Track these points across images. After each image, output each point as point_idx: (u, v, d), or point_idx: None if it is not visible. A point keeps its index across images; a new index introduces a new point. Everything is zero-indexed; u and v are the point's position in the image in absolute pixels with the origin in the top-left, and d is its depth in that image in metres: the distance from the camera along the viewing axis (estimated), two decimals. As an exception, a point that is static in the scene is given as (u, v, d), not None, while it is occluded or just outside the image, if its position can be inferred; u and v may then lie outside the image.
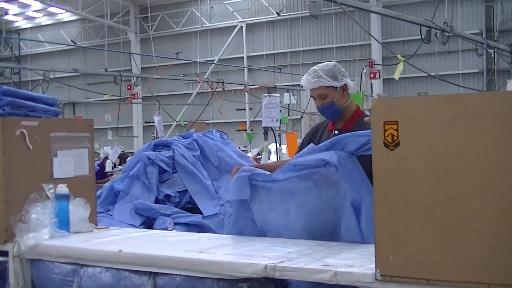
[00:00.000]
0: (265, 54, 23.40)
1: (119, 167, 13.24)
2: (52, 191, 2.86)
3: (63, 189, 2.89)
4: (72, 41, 25.11)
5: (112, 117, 17.39)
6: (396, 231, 1.88)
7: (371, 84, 15.83)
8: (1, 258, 2.88)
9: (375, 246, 1.93)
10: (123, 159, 14.88)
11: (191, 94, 24.35)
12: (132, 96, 18.10)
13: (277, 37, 23.67)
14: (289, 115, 12.68)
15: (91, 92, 21.69)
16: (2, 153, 2.84)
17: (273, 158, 10.06)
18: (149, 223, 4.80)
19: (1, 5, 24.24)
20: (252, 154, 12.76)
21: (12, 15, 26.78)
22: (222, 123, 18.89)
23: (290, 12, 23.04)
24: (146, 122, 25.40)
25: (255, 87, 17.46)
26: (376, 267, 1.92)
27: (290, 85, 18.99)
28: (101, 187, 5.55)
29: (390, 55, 18.58)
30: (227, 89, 15.02)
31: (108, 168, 13.51)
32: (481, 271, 1.77)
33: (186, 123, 12.74)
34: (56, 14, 26.85)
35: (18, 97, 3.08)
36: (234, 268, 2.18)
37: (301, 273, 2.08)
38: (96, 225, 3.21)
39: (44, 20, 28.03)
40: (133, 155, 6.06)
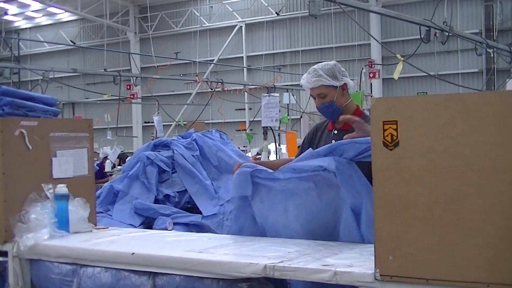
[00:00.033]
0: (265, 54, 23.41)
1: (119, 167, 13.27)
2: (51, 191, 2.86)
3: (62, 189, 2.89)
4: (71, 41, 25.12)
5: (112, 117, 17.39)
6: (395, 231, 1.88)
7: (371, 84, 15.83)
8: (0, 258, 2.88)
9: (374, 246, 1.93)
10: (122, 159, 14.92)
11: (190, 94, 24.35)
12: (132, 96, 18.09)
13: (276, 37, 23.67)
14: (288, 115, 12.69)
15: (90, 92, 21.68)
16: (2, 153, 2.84)
17: (272, 158, 10.05)
18: (148, 223, 4.79)
19: (0, 5, 24.23)
20: (251, 154, 12.76)
21: (12, 15, 26.77)
22: (221, 123, 18.88)
23: (289, 12, 23.04)
24: (145, 122, 25.41)
25: (255, 87, 17.44)
26: (375, 267, 1.92)
27: (290, 85, 18.98)
28: (100, 187, 5.54)
29: (389, 54, 18.59)
30: (226, 89, 15.01)
31: (107, 168, 13.54)
32: (480, 271, 1.76)
33: (185, 123, 12.73)
34: (55, 14, 26.85)
35: (18, 97, 3.08)
36: (233, 268, 2.18)
37: (300, 273, 2.08)
38: (96, 225, 3.21)
39: (44, 20, 28.03)
40: (132, 155, 6.05)
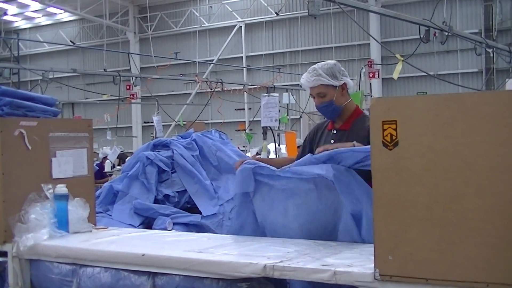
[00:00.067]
0: (264, 54, 23.40)
1: (118, 167, 13.26)
2: (51, 191, 2.86)
3: (62, 189, 2.88)
4: (71, 41, 25.10)
5: (111, 117, 17.38)
6: (395, 231, 1.88)
7: (370, 83, 15.84)
8: (0, 259, 2.88)
9: (374, 245, 1.93)
10: (122, 159, 14.92)
11: (190, 94, 24.35)
12: (131, 96, 18.10)
13: (276, 37, 23.67)
14: (288, 115, 12.69)
15: (90, 92, 21.66)
16: (1, 153, 2.83)
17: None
18: (148, 223, 4.79)
19: (0, 5, 24.22)
20: (251, 154, 12.78)
21: (11, 15, 26.75)
22: (221, 123, 18.86)
23: (289, 12, 23.03)
24: (145, 122, 25.40)
25: (254, 87, 17.45)
26: (375, 267, 1.92)
27: (289, 85, 18.97)
28: (100, 187, 5.54)
29: (389, 54, 18.59)
30: (226, 89, 15.02)
31: (107, 168, 13.53)
32: (480, 271, 1.76)
33: (185, 123, 12.71)
34: (55, 14, 26.84)
35: (17, 97, 3.08)
36: (233, 268, 2.18)
37: (300, 272, 2.08)
38: (95, 225, 3.21)
39: (43, 20, 28.02)
40: (132, 155, 6.04)
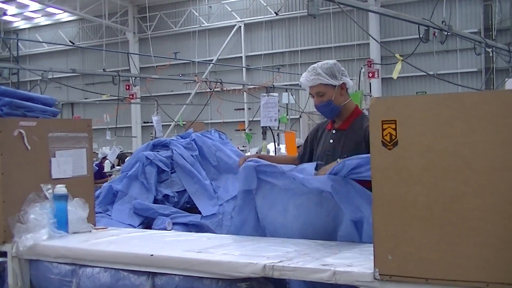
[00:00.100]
0: (264, 54, 23.38)
1: (118, 167, 13.26)
2: (50, 191, 2.85)
3: (61, 189, 2.88)
4: (70, 41, 25.00)
5: (111, 117, 17.38)
6: (394, 230, 1.88)
7: (370, 83, 15.84)
8: (-1, 259, 2.88)
9: (373, 245, 1.93)
10: (121, 159, 14.92)
11: (189, 94, 24.33)
12: (131, 96, 18.08)
13: (275, 36, 23.66)
14: (287, 115, 12.68)
15: (89, 92, 21.62)
16: (0, 153, 2.83)
17: (271, 157, 10.04)
18: (147, 223, 4.79)
19: (-1, 5, 24.25)
20: (250, 154, 12.76)
21: (10, 15, 26.73)
22: (220, 123, 18.86)
23: (288, 12, 23.01)
24: (144, 122, 25.38)
25: (254, 86, 17.43)
26: (375, 267, 1.92)
27: (289, 85, 18.94)
28: (99, 187, 5.54)
29: (388, 54, 18.58)
30: (225, 89, 15.00)
31: (106, 168, 13.54)
32: (480, 270, 1.76)
33: (184, 123, 12.72)
34: (54, 14, 26.81)
35: (16, 98, 3.07)
36: (233, 268, 2.18)
37: (300, 272, 2.07)
38: (95, 225, 3.21)
39: (42, 21, 27.99)
40: (131, 155, 6.04)
